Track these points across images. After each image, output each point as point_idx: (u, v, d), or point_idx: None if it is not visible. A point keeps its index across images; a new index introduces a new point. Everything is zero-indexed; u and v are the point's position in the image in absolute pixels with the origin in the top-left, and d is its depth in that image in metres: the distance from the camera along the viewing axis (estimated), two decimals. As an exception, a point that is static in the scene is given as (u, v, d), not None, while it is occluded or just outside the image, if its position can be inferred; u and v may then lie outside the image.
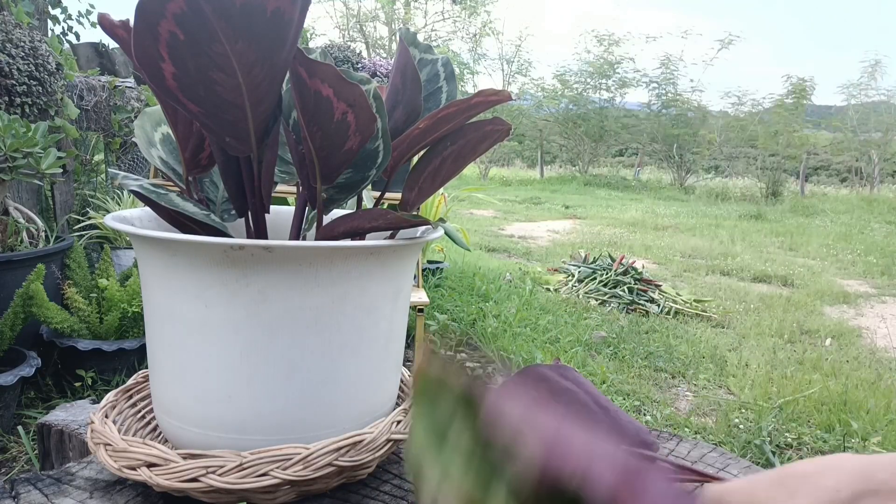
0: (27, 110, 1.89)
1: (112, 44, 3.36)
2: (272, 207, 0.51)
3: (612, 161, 15.90)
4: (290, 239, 0.50)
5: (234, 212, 0.52)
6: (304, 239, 0.53)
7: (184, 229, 0.46)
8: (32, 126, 1.66)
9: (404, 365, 0.63)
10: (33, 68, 1.88)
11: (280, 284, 0.39)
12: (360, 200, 0.54)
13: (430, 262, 3.32)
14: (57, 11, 2.96)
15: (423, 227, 0.52)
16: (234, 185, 0.48)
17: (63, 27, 3.14)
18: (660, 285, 3.20)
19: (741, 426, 1.86)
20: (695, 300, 3.10)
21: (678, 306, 2.98)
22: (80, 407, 0.68)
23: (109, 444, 0.41)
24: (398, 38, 0.51)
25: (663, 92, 13.26)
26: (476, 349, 2.46)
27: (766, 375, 2.21)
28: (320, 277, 0.40)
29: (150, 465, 0.39)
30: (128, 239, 1.44)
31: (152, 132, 0.52)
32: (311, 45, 4.73)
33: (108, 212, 2.41)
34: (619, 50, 14.79)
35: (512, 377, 0.30)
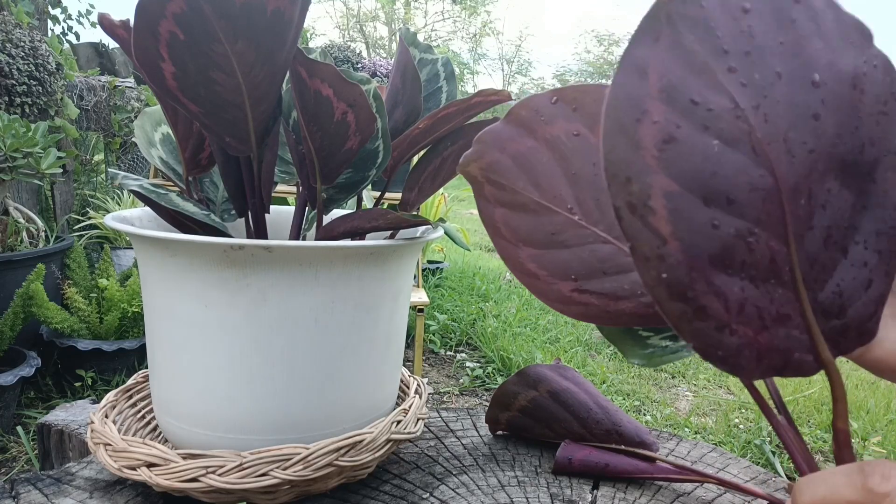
0: (27, 110, 1.89)
1: (112, 44, 3.36)
2: (272, 207, 0.51)
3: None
4: (290, 239, 0.50)
5: (234, 212, 0.52)
6: (304, 239, 0.53)
7: (184, 229, 0.46)
8: (32, 126, 1.66)
9: (404, 365, 0.63)
10: (33, 68, 1.88)
11: (280, 284, 0.39)
12: (360, 200, 0.54)
13: (430, 262, 3.32)
14: (57, 11, 2.96)
15: (423, 227, 0.52)
16: (234, 185, 0.48)
17: (63, 27, 3.14)
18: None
19: (741, 426, 1.86)
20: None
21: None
22: (80, 407, 0.68)
23: (109, 444, 0.41)
24: (398, 38, 0.51)
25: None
26: (476, 349, 2.46)
27: (766, 375, 2.22)
28: (320, 277, 0.40)
29: (150, 465, 0.39)
30: (128, 239, 1.44)
31: (152, 132, 0.52)
32: (311, 45, 4.74)
33: (108, 212, 2.41)
34: (619, 50, 14.81)
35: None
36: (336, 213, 0.55)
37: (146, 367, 0.49)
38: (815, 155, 0.22)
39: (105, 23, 0.42)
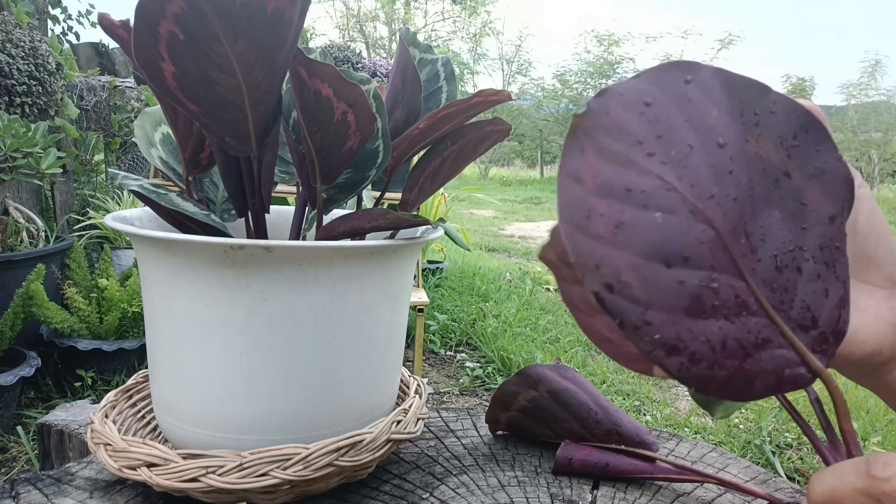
0: (27, 110, 1.89)
1: (112, 44, 3.36)
2: (272, 207, 0.51)
3: (612, 161, 15.98)
4: (290, 239, 0.50)
5: (234, 212, 0.52)
6: (304, 239, 0.53)
7: (184, 229, 0.46)
8: (32, 126, 1.66)
9: (404, 365, 0.63)
10: (33, 68, 1.88)
11: (280, 284, 0.39)
12: (360, 200, 0.54)
13: (430, 262, 3.32)
14: (57, 11, 2.97)
15: (423, 227, 0.52)
16: (234, 185, 0.48)
17: (63, 27, 3.15)
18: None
19: (741, 426, 1.86)
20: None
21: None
22: (80, 407, 0.68)
23: (109, 444, 0.41)
24: (398, 38, 0.51)
25: (663, 92, 13.29)
26: (476, 349, 2.46)
27: (766, 375, 2.22)
28: (320, 277, 0.40)
29: (150, 465, 0.39)
30: (128, 239, 1.44)
31: (152, 132, 0.52)
32: (311, 45, 4.74)
33: (108, 212, 2.40)
34: (619, 50, 14.82)
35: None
36: (336, 213, 0.55)
37: (146, 367, 0.49)
38: (739, 202, 0.26)
39: (105, 23, 0.42)
